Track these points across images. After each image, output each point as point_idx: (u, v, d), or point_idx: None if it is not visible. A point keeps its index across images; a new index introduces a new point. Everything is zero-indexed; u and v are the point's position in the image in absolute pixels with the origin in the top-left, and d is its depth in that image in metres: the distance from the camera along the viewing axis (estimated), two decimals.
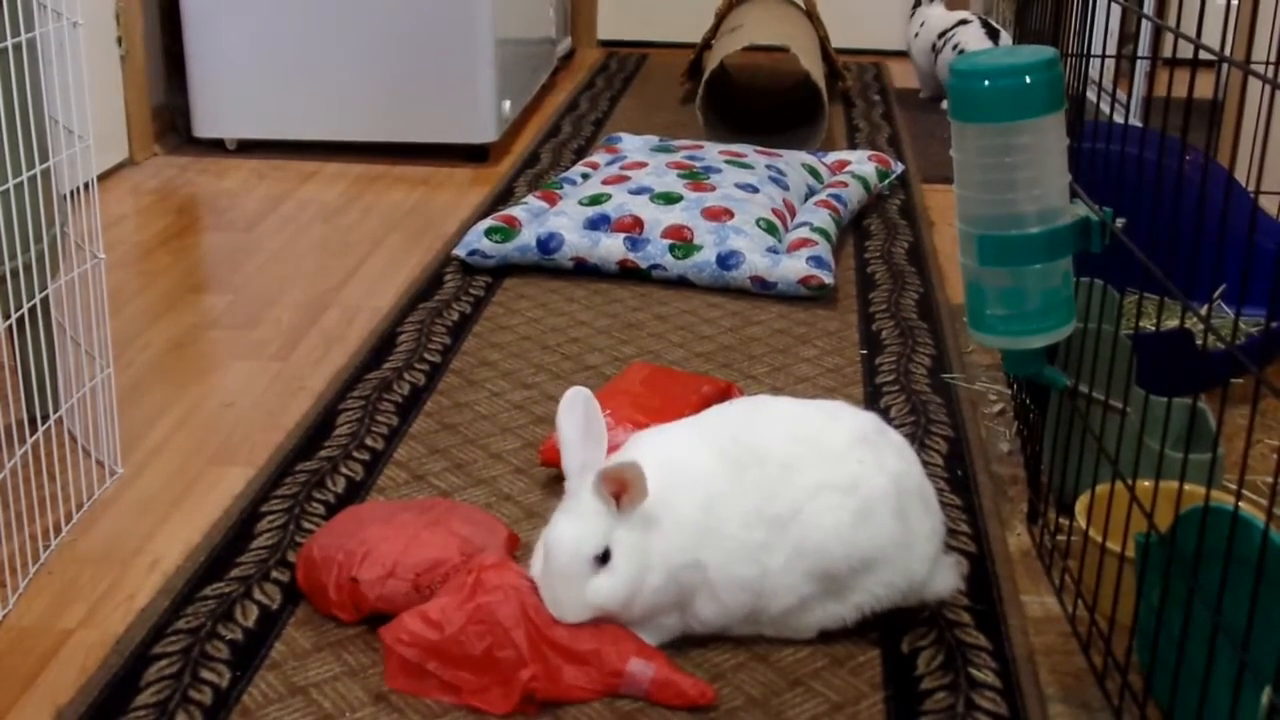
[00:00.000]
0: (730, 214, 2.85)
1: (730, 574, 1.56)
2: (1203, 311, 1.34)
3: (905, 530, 1.59)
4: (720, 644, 1.63)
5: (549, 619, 1.53)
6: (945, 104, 2.53)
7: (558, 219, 2.87)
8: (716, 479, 1.57)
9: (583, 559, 1.50)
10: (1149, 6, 3.79)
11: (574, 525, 1.51)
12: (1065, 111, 1.63)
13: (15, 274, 1.93)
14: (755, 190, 3.01)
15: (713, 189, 2.98)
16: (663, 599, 1.55)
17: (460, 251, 2.86)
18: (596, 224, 2.86)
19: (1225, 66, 1.32)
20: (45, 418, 2.06)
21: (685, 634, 1.61)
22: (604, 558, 1.51)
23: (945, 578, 1.65)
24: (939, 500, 1.70)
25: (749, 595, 1.57)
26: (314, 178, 3.59)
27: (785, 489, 1.57)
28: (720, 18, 4.54)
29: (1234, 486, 1.33)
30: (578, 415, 1.57)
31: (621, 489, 1.50)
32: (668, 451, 1.58)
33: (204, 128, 3.76)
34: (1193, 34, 1.37)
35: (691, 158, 3.22)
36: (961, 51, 4.04)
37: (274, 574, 1.76)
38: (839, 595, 1.59)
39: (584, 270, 2.84)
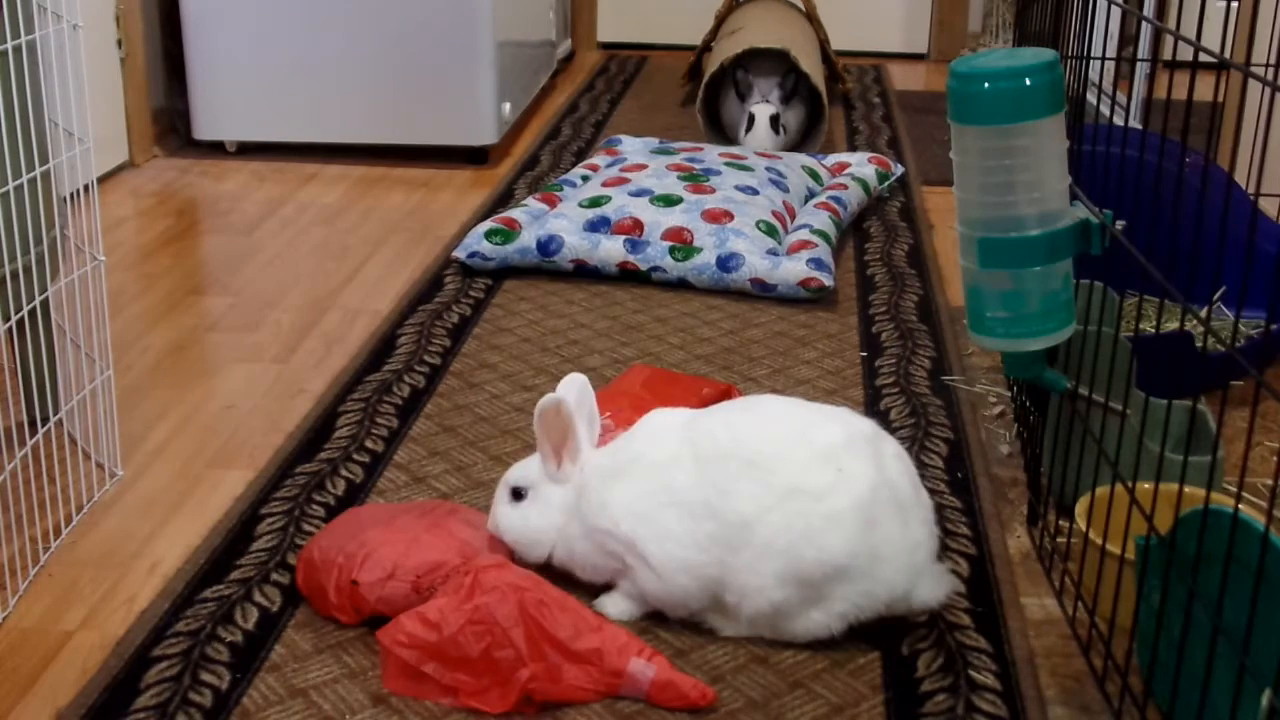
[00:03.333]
0: (730, 216, 2.86)
1: (669, 553, 1.60)
2: (1202, 314, 1.34)
3: (883, 541, 1.56)
4: (720, 645, 1.63)
5: (549, 618, 1.53)
6: None
7: (557, 221, 2.87)
8: (672, 468, 1.62)
9: (504, 485, 1.72)
10: (1149, 9, 3.80)
11: (521, 462, 1.74)
12: (1065, 114, 1.63)
13: (15, 276, 1.93)
14: (755, 192, 3.01)
15: (712, 191, 2.98)
16: (583, 555, 1.68)
17: (460, 254, 2.86)
18: (596, 226, 2.87)
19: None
20: (45, 420, 2.06)
21: (651, 613, 1.65)
22: (518, 494, 1.71)
23: (934, 588, 1.62)
24: (934, 512, 1.65)
25: (690, 579, 1.60)
26: (314, 180, 3.59)
27: (748, 486, 1.57)
28: (720, 20, 4.54)
29: (1234, 489, 1.33)
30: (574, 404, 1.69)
31: (560, 440, 1.67)
32: (644, 437, 1.68)
33: (204, 130, 3.76)
34: (1193, 36, 1.37)
35: (691, 160, 3.22)
36: None
37: (274, 576, 1.76)
38: (820, 603, 1.58)
39: (584, 272, 2.84)
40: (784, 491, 1.56)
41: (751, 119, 3.65)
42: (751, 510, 1.57)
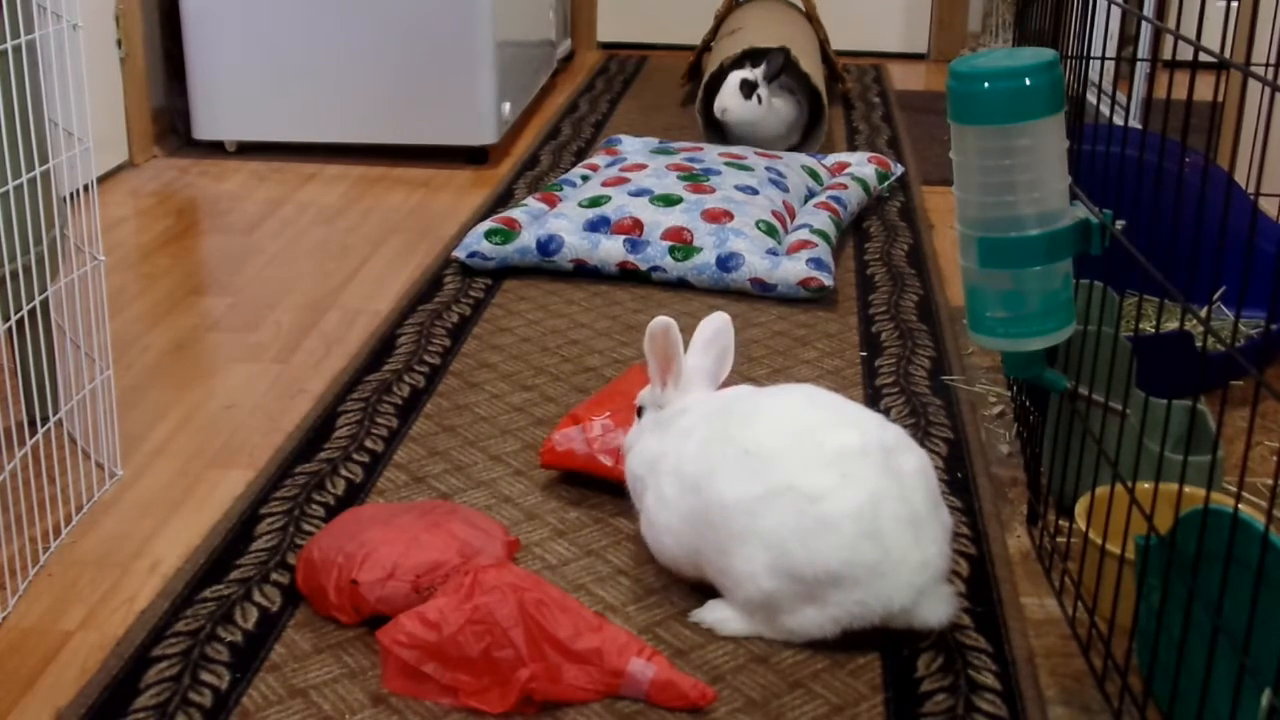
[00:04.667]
0: (730, 216, 2.86)
1: (658, 512, 1.69)
2: (1202, 314, 1.34)
3: (882, 555, 1.54)
4: (720, 645, 1.63)
5: (549, 618, 1.53)
6: None
7: (557, 221, 2.87)
8: (687, 438, 1.68)
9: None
10: (1149, 9, 3.80)
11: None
12: (1065, 114, 1.63)
13: (15, 276, 1.93)
14: (755, 192, 3.01)
15: (712, 191, 2.98)
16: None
17: (460, 254, 2.86)
18: (596, 226, 2.86)
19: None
20: (45, 420, 2.06)
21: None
22: (639, 412, 1.83)
23: (936, 609, 1.59)
24: (950, 533, 1.62)
25: (673, 542, 1.68)
26: (314, 180, 3.59)
27: (737, 473, 1.59)
28: (720, 20, 4.55)
29: (1234, 489, 1.33)
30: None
31: (664, 363, 1.76)
32: (699, 402, 1.75)
33: (204, 130, 3.76)
34: (1192, 36, 1.37)
35: (691, 160, 3.22)
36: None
37: (274, 576, 1.76)
38: (813, 602, 1.57)
39: (584, 272, 2.84)
40: (779, 486, 1.56)
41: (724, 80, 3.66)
42: (733, 496, 1.59)
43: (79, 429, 2.07)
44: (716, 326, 1.82)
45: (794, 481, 1.56)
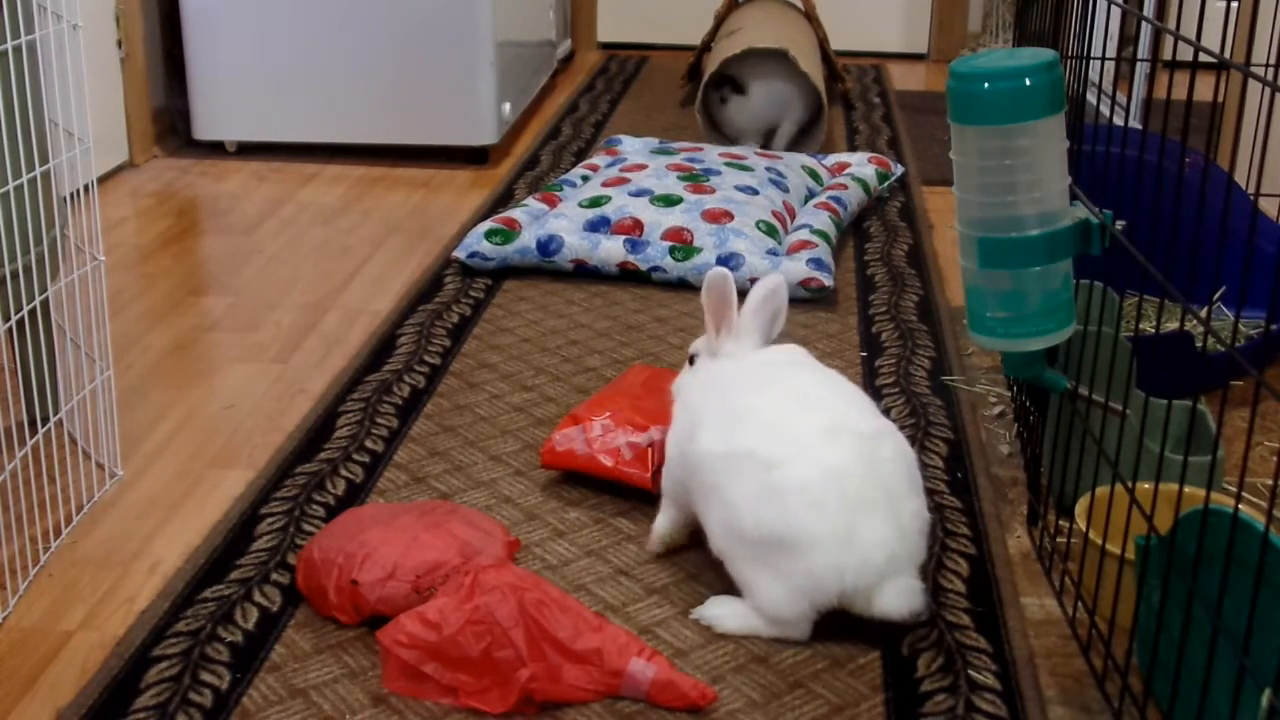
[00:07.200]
0: (730, 216, 2.86)
1: (668, 446, 1.80)
2: (1202, 314, 1.34)
3: (827, 529, 1.56)
4: (720, 645, 1.63)
5: (549, 618, 1.53)
6: None
7: (557, 221, 2.87)
8: (699, 391, 1.78)
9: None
10: (1149, 9, 3.80)
11: None
12: (1065, 114, 1.63)
13: (15, 276, 1.93)
14: (755, 192, 3.01)
15: (712, 191, 2.98)
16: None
17: (460, 254, 2.86)
18: (596, 226, 2.87)
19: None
20: (45, 420, 2.06)
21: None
22: (691, 360, 1.90)
23: (899, 599, 1.58)
24: (921, 523, 1.62)
25: (673, 474, 1.78)
26: (314, 180, 3.59)
27: (712, 430, 1.67)
28: (720, 20, 4.55)
29: (1234, 489, 1.33)
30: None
31: (720, 312, 1.84)
32: (728, 356, 1.83)
33: (204, 130, 3.76)
34: (1193, 36, 1.37)
35: (691, 160, 3.22)
36: None
37: (274, 576, 1.76)
38: (769, 567, 1.60)
39: (584, 272, 2.84)
40: (740, 450, 1.62)
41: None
42: (704, 450, 1.67)
43: (79, 429, 2.07)
44: (771, 287, 1.85)
45: (755, 448, 1.61)
